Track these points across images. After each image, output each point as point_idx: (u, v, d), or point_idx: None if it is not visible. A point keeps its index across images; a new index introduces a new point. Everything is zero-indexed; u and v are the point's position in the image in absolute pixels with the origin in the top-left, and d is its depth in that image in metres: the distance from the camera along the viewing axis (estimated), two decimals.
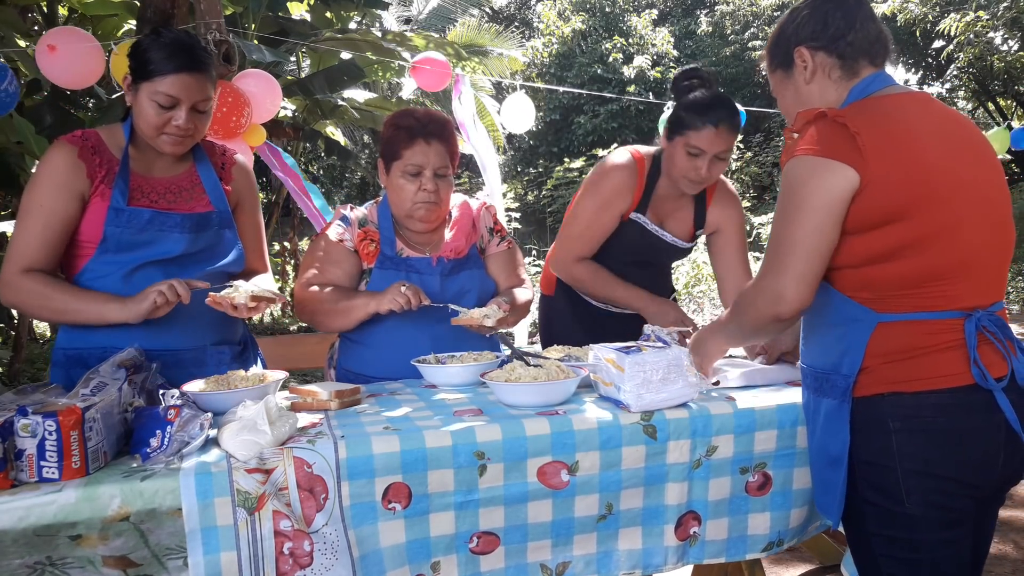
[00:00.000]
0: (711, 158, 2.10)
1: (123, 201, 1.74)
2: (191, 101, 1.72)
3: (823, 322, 1.42)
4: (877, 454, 1.34)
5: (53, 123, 5.65)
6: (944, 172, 1.31)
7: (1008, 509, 3.20)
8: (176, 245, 1.78)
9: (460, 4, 11.57)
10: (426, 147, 1.93)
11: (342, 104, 8.09)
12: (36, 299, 1.69)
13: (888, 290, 1.33)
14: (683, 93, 2.17)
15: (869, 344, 1.34)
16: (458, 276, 2.02)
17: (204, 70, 1.74)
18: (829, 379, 1.40)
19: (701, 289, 10.02)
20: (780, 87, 1.52)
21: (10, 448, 1.20)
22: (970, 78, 14.77)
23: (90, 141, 1.77)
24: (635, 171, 2.23)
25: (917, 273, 1.31)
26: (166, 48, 1.69)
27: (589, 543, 1.47)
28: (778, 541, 1.57)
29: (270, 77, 4.33)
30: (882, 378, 1.33)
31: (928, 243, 1.30)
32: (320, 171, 16.81)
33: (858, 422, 1.36)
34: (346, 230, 2.01)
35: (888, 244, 1.30)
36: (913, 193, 1.29)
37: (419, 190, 1.94)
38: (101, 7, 5.91)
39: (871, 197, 1.28)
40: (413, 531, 1.36)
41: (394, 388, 1.82)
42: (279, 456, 1.30)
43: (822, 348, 1.43)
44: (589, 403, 1.54)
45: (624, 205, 2.24)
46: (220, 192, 1.89)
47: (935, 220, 1.30)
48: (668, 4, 20.42)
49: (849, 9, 1.43)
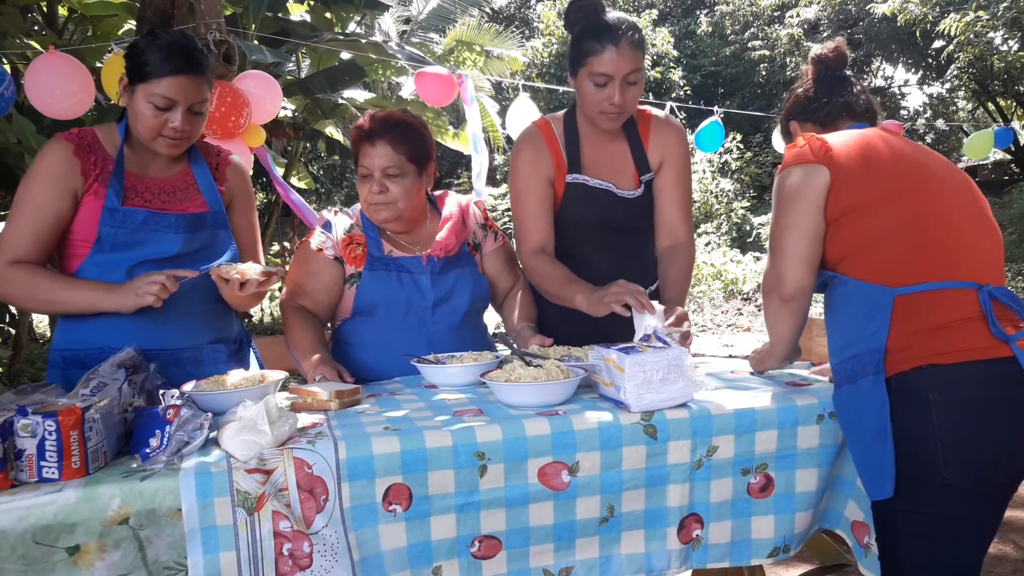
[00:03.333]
0: (621, 83, 1.93)
1: (118, 201, 1.73)
2: (187, 103, 1.72)
3: (846, 314, 1.53)
4: (916, 425, 1.41)
5: (53, 123, 5.64)
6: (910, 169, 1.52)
7: (1008, 509, 3.19)
8: (171, 245, 1.78)
9: (460, 4, 11.57)
10: (371, 149, 1.93)
11: (342, 103, 8.09)
12: (24, 289, 1.70)
13: (893, 265, 1.46)
14: (577, 23, 2.00)
15: (892, 318, 1.43)
16: (449, 274, 2.01)
17: (201, 72, 1.74)
18: (860, 360, 1.48)
19: (701, 289, 10.02)
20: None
21: (10, 448, 1.20)
22: (970, 78, 14.77)
23: (86, 139, 1.77)
24: (538, 135, 2.13)
25: (914, 247, 1.46)
26: (163, 50, 1.69)
27: (591, 547, 1.47)
28: (784, 547, 1.56)
29: (270, 78, 4.33)
30: (917, 352, 1.41)
31: (917, 223, 1.47)
32: (320, 171, 16.80)
33: (897, 397, 1.42)
34: (328, 238, 2.00)
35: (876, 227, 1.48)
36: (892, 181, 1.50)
37: (369, 192, 1.95)
38: (101, 7, 5.91)
39: (840, 188, 1.50)
40: (414, 534, 1.35)
41: (394, 388, 1.82)
42: (279, 456, 1.30)
43: (849, 337, 1.52)
44: (589, 403, 1.54)
45: (545, 170, 2.09)
46: (215, 192, 1.89)
47: (916, 204, 1.48)
48: (668, 4, 20.43)
49: (831, 84, 1.75)
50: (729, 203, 12.95)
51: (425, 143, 2.00)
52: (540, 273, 2.07)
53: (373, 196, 1.94)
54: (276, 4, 7.17)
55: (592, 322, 1.89)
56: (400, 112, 2.02)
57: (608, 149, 2.14)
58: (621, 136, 2.14)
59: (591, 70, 1.94)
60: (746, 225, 12.83)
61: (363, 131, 1.96)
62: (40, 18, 6.39)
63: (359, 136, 1.97)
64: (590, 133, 2.12)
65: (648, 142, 2.15)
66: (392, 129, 1.94)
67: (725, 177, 13.70)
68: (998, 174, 19.91)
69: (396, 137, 1.93)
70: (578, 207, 2.13)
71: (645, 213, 2.18)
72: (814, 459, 1.55)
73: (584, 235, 2.16)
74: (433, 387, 1.78)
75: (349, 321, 2.02)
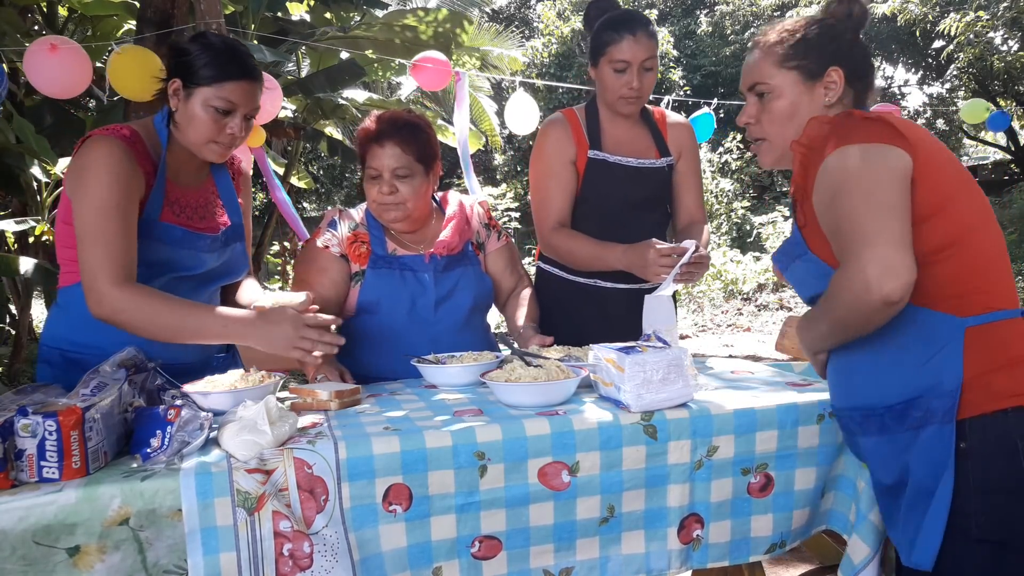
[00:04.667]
0: (638, 69, 2.13)
1: (156, 213, 1.70)
2: (248, 108, 1.72)
3: (891, 346, 1.26)
4: (1004, 479, 1.18)
5: (53, 123, 5.65)
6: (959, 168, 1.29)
7: None
8: (202, 264, 1.78)
9: (460, 4, 11.56)
10: (380, 150, 1.94)
11: (343, 103, 8.09)
12: (144, 315, 1.55)
13: (958, 288, 1.20)
14: (597, 19, 2.22)
15: (965, 354, 1.20)
16: (452, 273, 2.03)
17: (259, 78, 1.75)
18: (922, 405, 1.23)
19: (701, 289, 10.02)
20: (783, 88, 1.40)
21: (10, 448, 1.20)
22: (970, 78, 14.76)
23: (136, 144, 1.67)
24: (565, 121, 2.27)
25: (973, 266, 1.22)
26: (224, 54, 1.68)
27: (592, 547, 1.46)
28: (780, 543, 1.56)
29: (270, 78, 4.32)
30: (997, 392, 1.19)
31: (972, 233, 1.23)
32: (320, 171, 16.80)
33: (973, 446, 1.19)
34: (333, 236, 2.02)
35: (944, 236, 1.21)
36: (952, 180, 1.25)
37: (378, 192, 1.96)
38: (100, 7, 5.91)
39: (923, 183, 1.21)
40: (414, 535, 1.35)
41: (394, 388, 1.82)
42: (279, 457, 1.30)
43: (898, 378, 1.26)
44: (589, 403, 1.54)
45: (568, 150, 2.24)
46: (236, 205, 1.89)
47: (971, 208, 1.25)
48: (668, 4, 20.42)
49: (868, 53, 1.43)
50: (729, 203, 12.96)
51: (432, 143, 2.03)
52: (565, 243, 2.22)
53: (383, 196, 1.96)
54: (276, 4, 7.16)
55: (595, 322, 1.92)
56: (406, 113, 2.04)
57: (628, 132, 2.29)
58: (640, 122, 2.32)
59: (611, 58, 2.14)
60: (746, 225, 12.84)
61: (371, 132, 1.97)
62: (40, 18, 6.39)
63: (367, 137, 1.97)
64: (611, 118, 2.28)
65: (667, 133, 2.33)
66: (401, 130, 1.95)
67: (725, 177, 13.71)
68: (998, 174, 19.91)
69: (405, 138, 1.95)
70: (600, 185, 2.24)
71: (664, 188, 2.34)
72: (813, 458, 1.55)
73: (606, 218, 2.26)
74: (433, 387, 1.78)
75: (353, 319, 2.02)
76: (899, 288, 1.12)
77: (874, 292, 1.13)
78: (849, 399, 1.36)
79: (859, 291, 1.15)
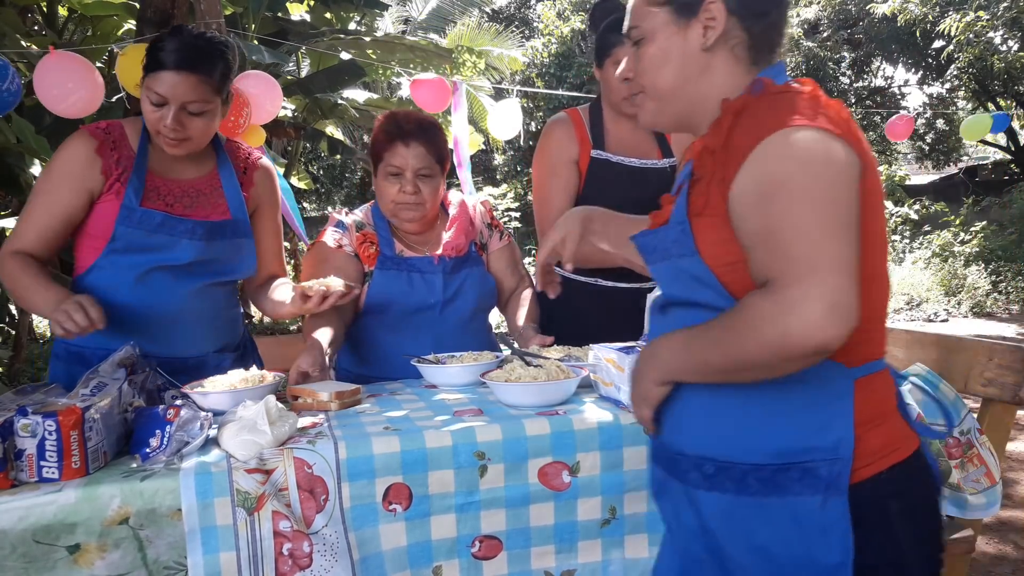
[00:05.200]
0: None
1: (136, 200, 1.70)
2: (179, 101, 1.65)
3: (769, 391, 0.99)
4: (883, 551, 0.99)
5: (53, 123, 5.64)
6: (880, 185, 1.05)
7: (1008, 509, 3.19)
8: (185, 252, 1.75)
9: (460, 4, 11.57)
10: (405, 149, 1.93)
11: (342, 103, 8.10)
12: (9, 282, 1.69)
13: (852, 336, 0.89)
14: (602, 20, 2.23)
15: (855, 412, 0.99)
16: (459, 274, 2.03)
17: (200, 71, 1.66)
18: (805, 467, 0.98)
19: None
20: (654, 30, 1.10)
21: (10, 448, 1.20)
22: (970, 78, 14.77)
23: (112, 135, 1.73)
24: (569, 121, 2.29)
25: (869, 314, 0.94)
26: (170, 45, 1.66)
27: (594, 550, 1.46)
28: None
29: (270, 78, 4.32)
30: (873, 452, 1.00)
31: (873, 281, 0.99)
32: (320, 171, 16.81)
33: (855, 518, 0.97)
34: (343, 235, 2.01)
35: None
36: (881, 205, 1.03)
37: (400, 191, 1.95)
38: (101, 7, 5.91)
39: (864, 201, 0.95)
40: (414, 534, 1.35)
41: (394, 388, 1.82)
42: (279, 456, 1.30)
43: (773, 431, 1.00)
44: (589, 403, 1.54)
45: (571, 150, 2.25)
46: (240, 199, 1.86)
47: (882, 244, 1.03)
48: None
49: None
50: None
51: (446, 144, 2.05)
52: None
53: (405, 196, 1.95)
54: (276, 4, 7.17)
55: (597, 321, 1.91)
56: (421, 114, 2.06)
57: (632, 132, 2.30)
58: None
59: (616, 59, 2.16)
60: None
61: (396, 130, 1.95)
62: (40, 18, 6.38)
63: (390, 134, 1.95)
64: (615, 119, 2.29)
65: (671, 136, 2.34)
66: (426, 131, 1.96)
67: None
68: (998, 174, 19.91)
69: (430, 138, 1.96)
70: (602, 185, 2.25)
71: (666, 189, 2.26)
72: None
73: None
74: (433, 387, 1.78)
75: (358, 319, 2.02)
76: (842, 335, 0.86)
77: (812, 335, 0.86)
78: (702, 446, 1.06)
79: (791, 329, 0.86)
